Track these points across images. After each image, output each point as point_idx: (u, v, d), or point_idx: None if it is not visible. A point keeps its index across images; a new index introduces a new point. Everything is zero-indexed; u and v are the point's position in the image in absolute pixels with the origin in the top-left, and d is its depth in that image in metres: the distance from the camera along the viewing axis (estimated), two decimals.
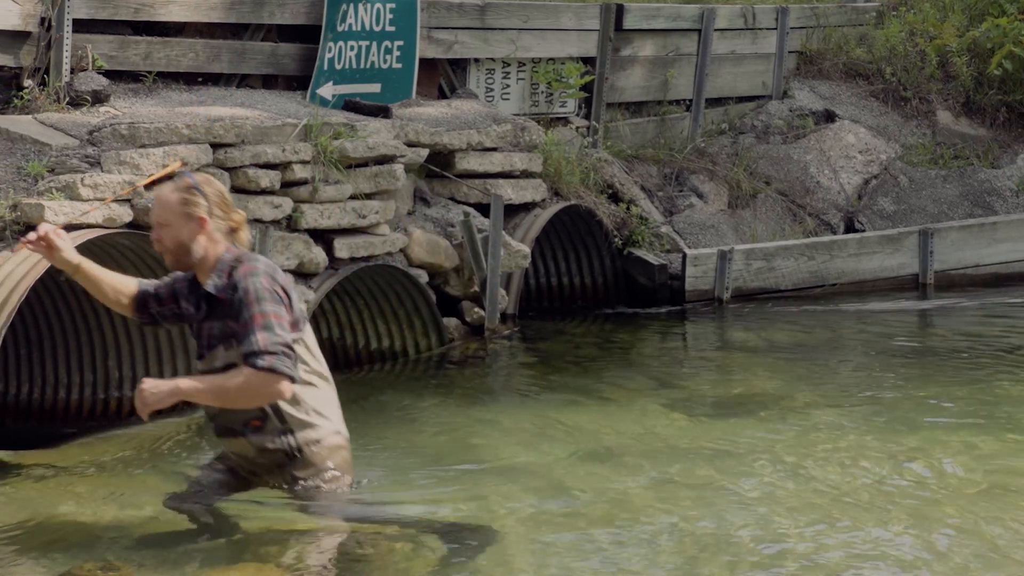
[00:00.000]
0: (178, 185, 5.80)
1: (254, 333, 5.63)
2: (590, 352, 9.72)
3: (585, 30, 11.77)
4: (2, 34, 8.75)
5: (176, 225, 5.75)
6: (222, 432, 5.94)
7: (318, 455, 5.90)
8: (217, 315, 5.77)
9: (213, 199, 5.79)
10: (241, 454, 5.95)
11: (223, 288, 5.74)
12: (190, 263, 5.79)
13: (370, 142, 9.19)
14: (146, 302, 5.96)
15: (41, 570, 5.46)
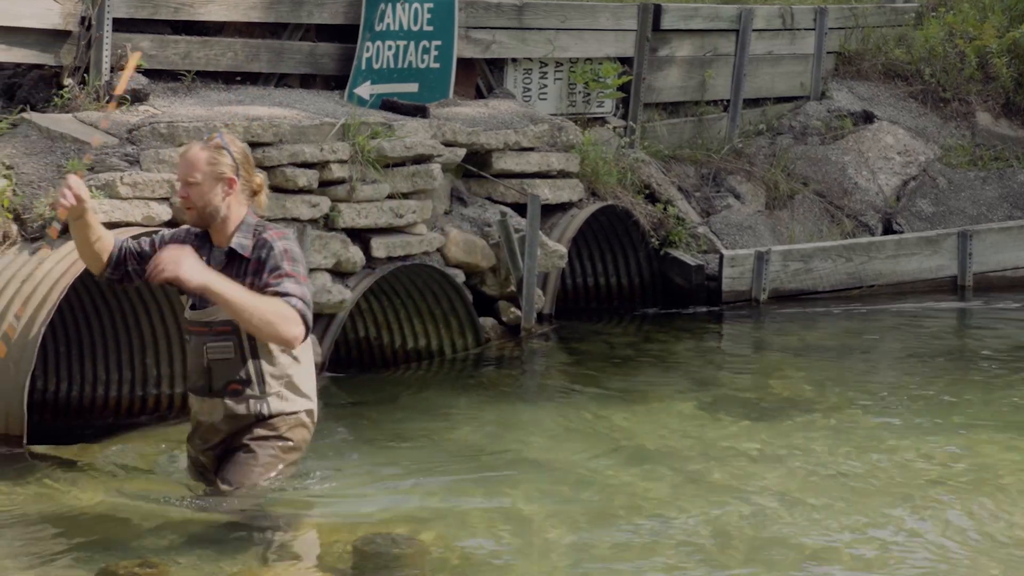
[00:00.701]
0: (207, 144, 5.94)
1: (288, 282, 5.82)
2: (626, 352, 9.71)
3: (623, 30, 11.75)
4: (43, 33, 8.80)
5: (205, 184, 5.90)
6: (198, 391, 6.06)
7: (283, 424, 6.07)
8: (233, 272, 5.89)
9: (240, 160, 5.95)
10: (208, 419, 6.07)
11: (248, 248, 5.91)
12: (212, 221, 5.94)
13: (407, 142, 9.20)
14: (124, 259, 6.09)
15: (80, 567, 5.49)
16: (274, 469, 6.10)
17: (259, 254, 5.91)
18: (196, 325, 6.01)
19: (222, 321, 5.92)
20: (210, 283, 5.73)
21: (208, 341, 5.99)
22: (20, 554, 5.62)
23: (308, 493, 6.41)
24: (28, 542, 5.75)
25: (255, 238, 5.94)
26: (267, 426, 6.08)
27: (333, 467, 6.86)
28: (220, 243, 6.00)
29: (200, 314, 6.00)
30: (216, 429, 6.11)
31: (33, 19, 8.70)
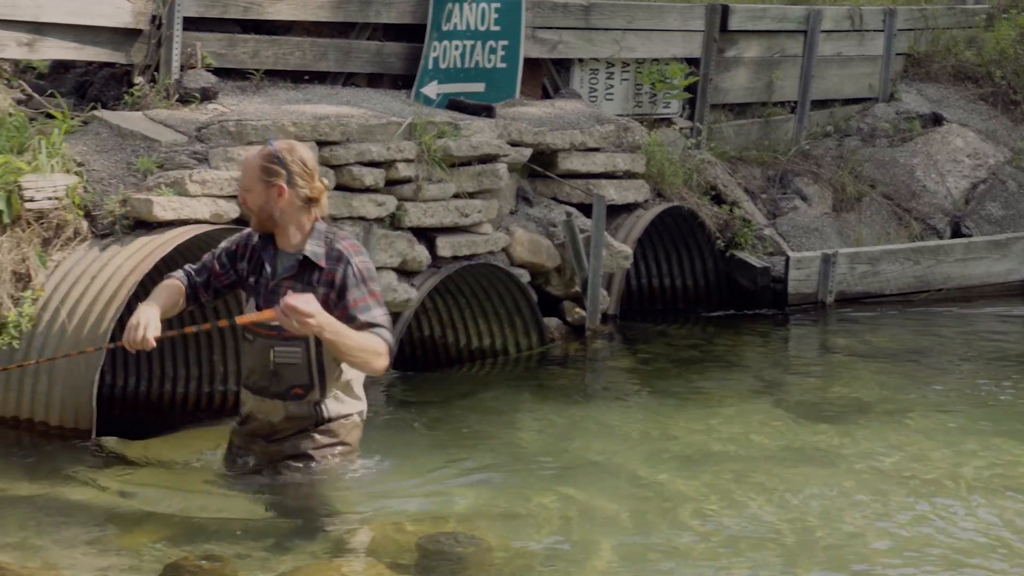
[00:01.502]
0: (261, 153, 6.08)
1: (374, 308, 5.99)
2: (691, 354, 9.68)
3: (690, 31, 11.72)
4: (114, 32, 8.89)
5: (257, 191, 6.04)
6: (260, 391, 6.17)
7: (342, 428, 6.21)
8: (305, 279, 6.01)
9: (293, 168, 6.04)
10: (266, 418, 6.18)
11: (321, 256, 6.02)
12: (271, 226, 6.07)
13: (473, 141, 9.22)
14: (196, 295, 6.26)
15: (146, 561, 5.53)
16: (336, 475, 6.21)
17: (335, 267, 6.01)
18: (263, 327, 6.08)
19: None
20: (322, 325, 5.84)
21: (276, 345, 6.06)
22: (87, 547, 5.68)
23: (371, 491, 6.44)
24: (95, 535, 5.80)
25: (327, 246, 6.04)
26: (327, 432, 6.19)
27: (396, 465, 6.88)
28: (285, 246, 6.09)
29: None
30: (273, 427, 6.20)
31: (105, 18, 8.80)
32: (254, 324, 6.06)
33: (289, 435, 6.18)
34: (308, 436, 6.16)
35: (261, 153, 6.07)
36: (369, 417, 7.86)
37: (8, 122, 7.98)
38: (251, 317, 6.02)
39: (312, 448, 6.18)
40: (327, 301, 5.97)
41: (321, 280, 6.00)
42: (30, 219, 7.44)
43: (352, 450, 6.28)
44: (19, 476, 6.53)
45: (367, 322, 5.95)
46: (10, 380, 7.12)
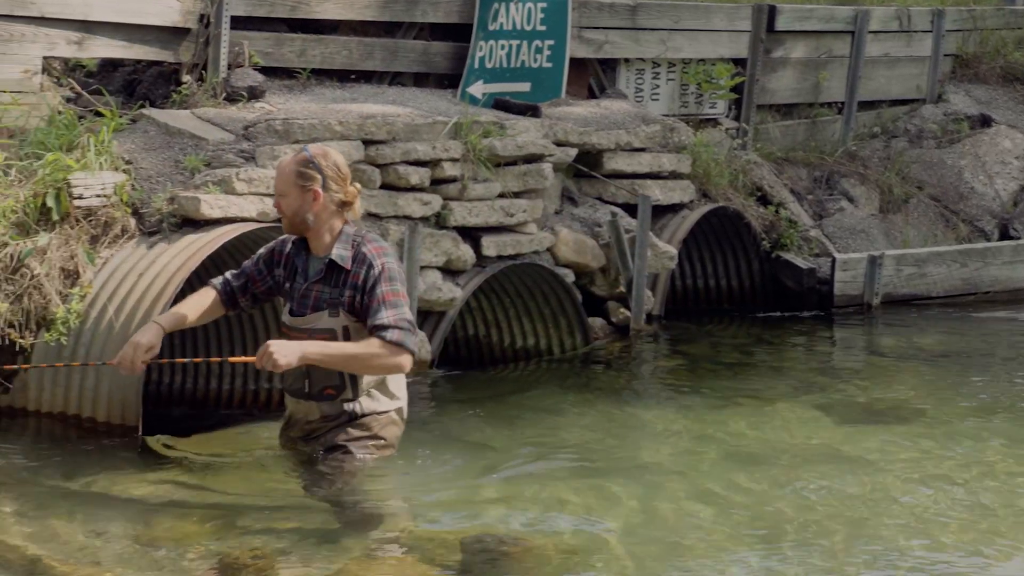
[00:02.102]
0: (296, 158, 6.16)
1: (384, 309, 6.04)
2: (735, 355, 9.65)
3: (736, 31, 11.68)
4: (162, 30, 8.94)
5: (292, 196, 6.13)
6: (294, 393, 6.30)
7: (375, 423, 6.29)
8: (332, 282, 6.13)
9: (328, 173, 6.14)
10: (305, 416, 6.32)
11: (348, 259, 6.10)
12: (304, 230, 6.16)
13: (519, 141, 9.22)
14: (235, 300, 6.36)
15: (190, 557, 5.55)
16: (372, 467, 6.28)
17: (360, 270, 6.11)
18: (295, 331, 6.18)
19: (321, 329, 6.10)
20: (306, 355, 6.00)
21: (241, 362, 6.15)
22: (132, 543, 5.71)
23: (415, 489, 6.46)
24: (140, 531, 5.83)
25: (354, 249, 6.14)
26: (360, 426, 6.27)
27: (440, 464, 6.90)
28: (317, 251, 6.20)
29: (299, 320, 6.18)
30: (311, 427, 6.33)
31: (154, 16, 8.85)
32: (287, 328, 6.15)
33: (325, 432, 6.27)
34: (341, 430, 6.27)
35: (296, 158, 6.16)
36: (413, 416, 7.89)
37: (57, 120, 8.04)
38: (239, 360, 6.50)
39: (344, 440, 6.26)
40: (353, 303, 6.08)
41: (347, 282, 6.11)
42: (79, 216, 7.49)
43: (387, 445, 6.35)
44: (66, 471, 6.57)
45: (372, 325, 6.04)
46: (58, 376, 7.17)
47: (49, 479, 6.45)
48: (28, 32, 8.37)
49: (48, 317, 7.21)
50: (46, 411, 7.23)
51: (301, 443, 6.39)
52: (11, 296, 7.25)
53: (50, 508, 6.07)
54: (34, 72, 8.42)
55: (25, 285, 7.26)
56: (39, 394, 7.23)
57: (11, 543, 5.62)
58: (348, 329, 6.11)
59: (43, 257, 7.32)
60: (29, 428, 7.20)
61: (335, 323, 6.11)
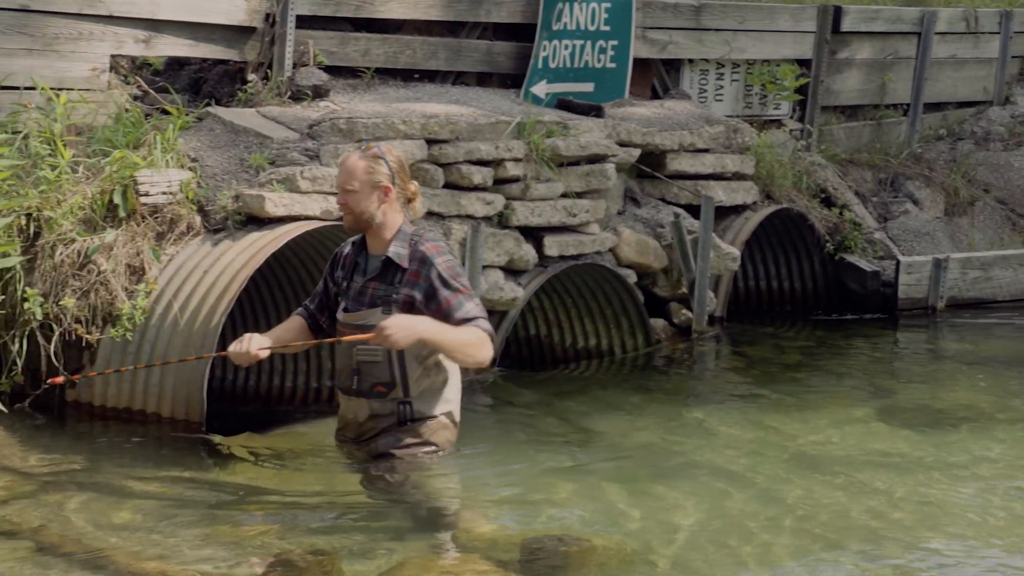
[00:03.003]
0: (365, 153, 6.12)
1: (467, 302, 6.06)
2: (798, 358, 9.60)
3: (801, 32, 11.63)
4: (228, 29, 9.00)
5: (363, 192, 6.09)
6: (345, 390, 6.28)
7: (426, 429, 6.25)
8: (388, 279, 6.11)
9: (396, 169, 6.12)
10: (354, 417, 6.28)
11: (404, 257, 6.09)
12: (367, 228, 6.15)
13: (582, 141, 9.21)
14: (316, 321, 6.36)
15: (253, 553, 5.58)
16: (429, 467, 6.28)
17: (419, 268, 6.09)
18: (348, 327, 6.17)
19: (374, 325, 6.04)
20: (421, 332, 5.94)
21: (358, 343, 6.12)
22: (195, 538, 5.74)
23: (474, 489, 6.46)
24: (203, 526, 5.87)
25: (410, 248, 6.12)
26: (411, 432, 6.25)
27: (499, 463, 6.90)
28: (375, 249, 6.19)
29: (352, 317, 6.18)
30: (360, 426, 6.30)
31: (220, 15, 8.91)
32: (341, 326, 6.16)
33: (374, 435, 6.24)
34: (392, 435, 6.25)
35: (366, 154, 6.12)
36: (473, 415, 7.91)
37: (125, 118, 8.11)
38: (353, 338, 6.10)
39: (395, 447, 6.25)
40: (410, 302, 6.06)
41: (404, 281, 6.09)
42: (145, 213, 7.55)
43: (438, 450, 6.32)
44: (131, 467, 6.63)
45: (463, 318, 6.03)
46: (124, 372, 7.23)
47: (114, 474, 6.51)
48: (97, 31, 8.45)
49: (114, 313, 7.27)
50: (111, 406, 7.29)
51: (353, 445, 6.37)
52: (78, 292, 7.32)
53: (114, 502, 6.12)
54: (102, 70, 8.50)
55: (92, 281, 7.33)
56: (105, 389, 7.30)
57: (75, 536, 5.67)
58: None
59: (110, 253, 7.39)
60: (95, 423, 7.27)
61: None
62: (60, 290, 7.34)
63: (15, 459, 6.69)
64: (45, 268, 7.39)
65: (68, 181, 7.58)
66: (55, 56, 8.31)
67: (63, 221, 7.43)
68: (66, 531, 5.72)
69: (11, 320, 7.30)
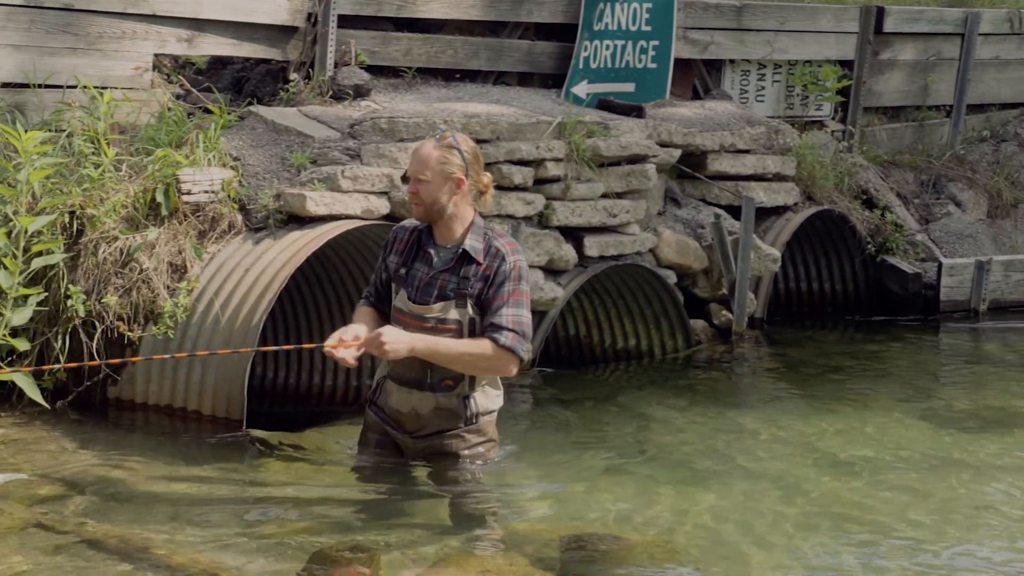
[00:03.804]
0: (439, 143, 5.99)
1: (505, 307, 5.94)
2: (838, 360, 9.57)
3: (843, 32, 11.58)
4: (271, 29, 9.04)
5: (435, 182, 5.97)
6: (409, 383, 6.12)
7: (487, 424, 6.21)
8: (461, 272, 5.99)
9: (470, 160, 6.01)
10: (413, 410, 6.13)
11: (480, 251, 5.99)
12: (437, 218, 6.02)
13: (623, 141, 9.20)
14: (383, 314, 6.21)
15: (292, 550, 5.60)
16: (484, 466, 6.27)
17: (492, 263, 6.00)
18: (415, 318, 6.04)
19: (449, 320, 5.99)
20: (414, 349, 5.90)
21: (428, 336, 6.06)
22: (235, 535, 5.76)
23: (514, 487, 6.47)
24: (244, 524, 5.89)
25: (485, 242, 6.02)
26: (475, 431, 6.20)
27: (538, 462, 6.91)
28: (444, 240, 6.07)
29: (422, 308, 6.04)
30: (421, 420, 6.19)
31: (262, 15, 8.95)
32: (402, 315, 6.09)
33: (436, 432, 6.18)
34: (458, 437, 6.17)
35: (441, 143, 5.99)
36: (513, 414, 7.92)
37: (167, 116, 8.15)
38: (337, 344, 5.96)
39: (464, 449, 6.20)
40: (481, 296, 5.98)
41: (478, 275, 5.99)
42: (187, 212, 7.59)
43: (496, 443, 6.32)
44: (171, 463, 6.66)
45: (491, 323, 5.94)
46: (165, 368, 7.28)
47: (154, 470, 6.54)
48: (140, 30, 8.50)
49: (156, 311, 7.31)
50: (153, 403, 7.33)
51: (406, 436, 6.26)
52: (120, 290, 7.37)
53: (154, 498, 6.16)
54: (145, 69, 8.55)
55: (134, 279, 7.38)
56: (146, 386, 7.34)
57: (116, 532, 5.70)
58: (474, 322, 6.00)
59: (152, 252, 7.43)
60: (137, 420, 7.31)
61: (462, 315, 5.99)
62: (103, 288, 7.39)
63: (58, 455, 6.74)
64: (88, 266, 7.44)
65: (111, 179, 7.63)
66: (99, 55, 8.37)
67: (106, 219, 7.48)
68: (107, 526, 5.75)
69: (54, 317, 7.36)
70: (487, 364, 5.96)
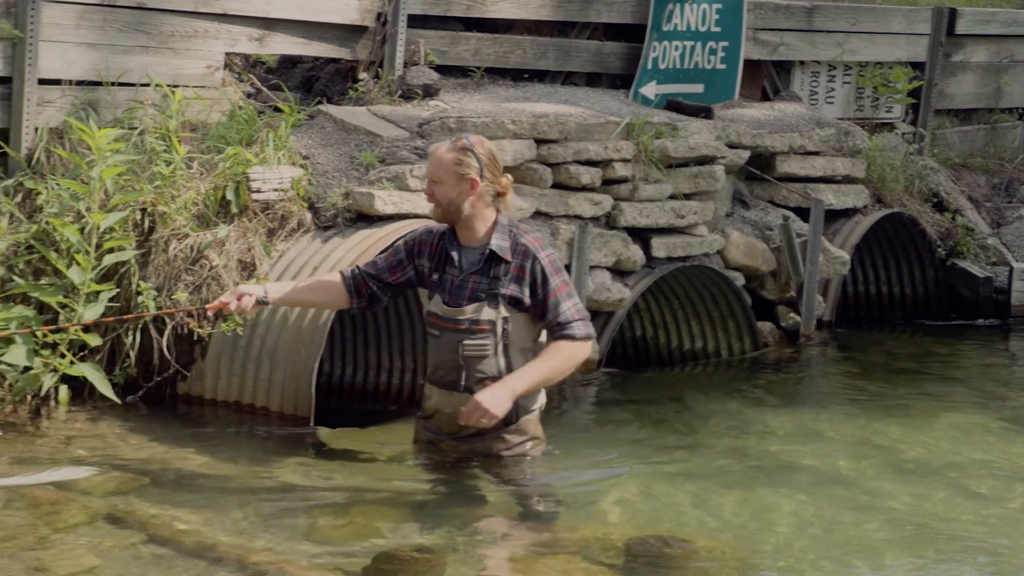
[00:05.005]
0: (454, 145, 6.12)
1: (563, 302, 6.07)
2: (907, 364, 9.50)
3: (915, 34, 11.49)
4: (341, 28, 9.08)
5: (449, 184, 6.09)
6: (447, 386, 6.20)
7: (529, 423, 6.25)
8: (491, 273, 6.08)
9: (485, 162, 6.10)
10: (456, 412, 6.17)
11: (507, 250, 6.08)
12: (456, 219, 6.13)
13: (691, 142, 9.17)
14: (360, 286, 6.30)
15: (358, 549, 5.62)
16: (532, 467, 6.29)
17: (522, 262, 6.09)
18: (449, 322, 6.14)
19: (482, 320, 6.08)
20: (516, 392, 6.05)
21: (465, 338, 6.11)
22: (301, 533, 5.79)
23: (576, 488, 6.47)
24: (309, 521, 5.92)
25: (511, 240, 6.11)
26: (516, 431, 6.24)
27: (602, 463, 6.90)
28: (468, 241, 6.17)
29: (455, 312, 6.13)
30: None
31: (332, 14, 8.99)
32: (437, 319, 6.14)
33: (477, 433, 6.21)
34: (499, 438, 6.22)
35: (454, 146, 6.12)
36: (577, 415, 7.93)
37: (238, 115, 8.21)
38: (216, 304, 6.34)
39: (504, 450, 6.24)
40: (517, 300, 6.06)
41: (509, 274, 6.08)
42: (256, 210, 7.63)
43: (541, 441, 6.35)
44: (240, 459, 6.71)
45: (558, 322, 6.05)
46: (234, 365, 7.32)
47: (223, 466, 6.59)
48: (211, 28, 8.56)
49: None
50: (222, 400, 7.38)
51: (448, 439, 6.33)
52: (190, 286, 7.42)
53: (222, 494, 6.20)
54: (216, 68, 8.61)
55: (204, 276, 7.43)
56: (215, 383, 7.39)
57: (184, 527, 5.75)
58: (507, 320, 6.08)
59: (222, 249, 7.48)
60: (206, 415, 7.37)
61: (495, 315, 6.07)
62: (173, 284, 7.45)
63: (127, 450, 6.80)
64: (159, 262, 7.50)
65: (182, 177, 7.69)
66: (170, 54, 8.43)
67: (177, 216, 7.54)
68: (175, 521, 5.80)
69: (125, 313, 7.42)
70: (573, 361, 6.13)
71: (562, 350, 6.06)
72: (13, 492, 6.03)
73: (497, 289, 6.07)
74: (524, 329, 6.15)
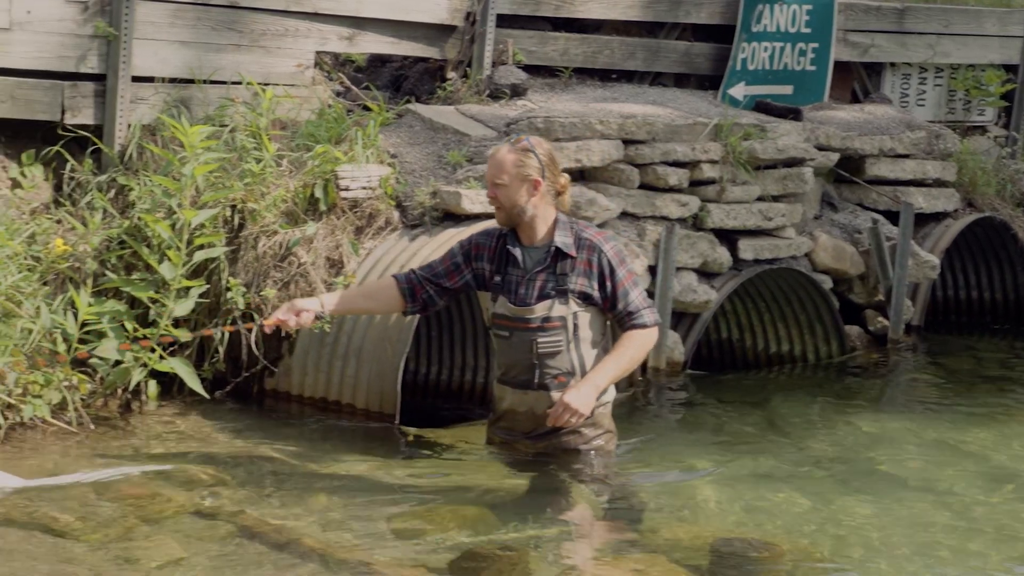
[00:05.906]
0: (514, 147, 6.18)
1: (632, 291, 6.18)
2: (996, 370, 9.38)
3: (1008, 36, 11.34)
4: (430, 27, 9.11)
5: (512, 186, 6.15)
6: (521, 385, 6.27)
7: (602, 416, 6.32)
8: (558, 269, 6.15)
9: (545, 162, 6.17)
10: (531, 410, 6.25)
11: (571, 246, 6.15)
12: (519, 220, 6.19)
13: (779, 144, 9.12)
14: (416, 290, 6.38)
15: (441, 546, 5.64)
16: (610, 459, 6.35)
17: (588, 256, 6.16)
18: (520, 321, 6.19)
19: (554, 317, 6.14)
20: (599, 388, 6.16)
21: (538, 336, 6.17)
22: (385, 529, 5.83)
23: (660, 489, 6.46)
24: (393, 518, 5.95)
25: (574, 235, 6.18)
26: (591, 424, 6.28)
27: (687, 465, 6.88)
28: (530, 241, 6.23)
29: (525, 311, 6.19)
30: (537, 419, 6.28)
31: (422, 14, 9.03)
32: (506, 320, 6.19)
33: (553, 429, 6.24)
34: (575, 432, 6.27)
35: (515, 147, 6.18)
36: (662, 416, 7.91)
37: (327, 113, 8.27)
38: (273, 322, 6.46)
39: (582, 444, 6.30)
40: (586, 294, 6.13)
41: (576, 269, 6.15)
42: (344, 207, 7.68)
43: (614, 434, 6.41)
44: (324, 455, 6.75)
45: (628, 311, 6.16)
46: (320, 362, 7.38)
47: (309, 462, 6.64)
48: (302, 27, 8.63)
49: None
50: (308, 396, 7.44)
51: (525, 440, 6.38)
52: (279, 283, 7.48)
53: (308, 489, 6.25)
54: (307, 66, 8.68)
55: (292, 272, 7.49)
56: (302, 379, 7.45)
57: (271, 521, 5.80)
58: (577, 315, 6.16)
59: (310, 246, 7.54)
60: (292, 411, 7.43)
61: (566, 311, 6.15)
62: (262, 281, 7.51)
63: (216, 444, 6.87)
64: (248, 259, 7.57)
65: (272, 174, 7.75)
66: (262, 52, 8.51)
67: (266, 213, 7.61)
68: (263, 515, 5.85)
69: (214, 309, 7.50)
70: (645, 350, 6.26)
71: (635, 339, 6.16)
72: (102, 485, 6.11)
73: (566, 285, 6.15)
74: (593, 322, 6.23)
